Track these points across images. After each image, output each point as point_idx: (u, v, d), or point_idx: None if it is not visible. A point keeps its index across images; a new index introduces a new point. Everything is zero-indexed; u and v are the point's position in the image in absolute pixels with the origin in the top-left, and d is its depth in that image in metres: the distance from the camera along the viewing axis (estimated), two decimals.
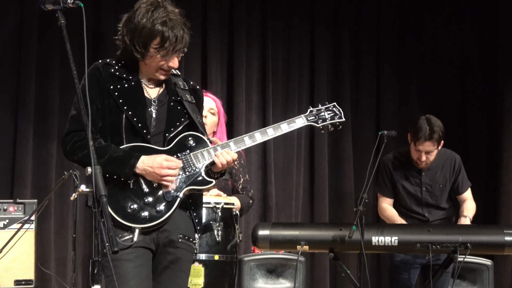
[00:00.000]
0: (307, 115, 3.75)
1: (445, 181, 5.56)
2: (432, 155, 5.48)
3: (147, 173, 3.36)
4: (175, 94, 3.56)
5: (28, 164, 6.30)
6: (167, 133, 3.49)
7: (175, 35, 3.42)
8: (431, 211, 5.56)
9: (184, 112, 3.54)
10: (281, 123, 3.65)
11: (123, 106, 3.42)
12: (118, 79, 3.47)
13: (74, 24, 3.20)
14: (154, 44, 3.41)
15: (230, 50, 7.20)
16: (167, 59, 3.46)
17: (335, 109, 3.80)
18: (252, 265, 5.44)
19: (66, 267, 6.33)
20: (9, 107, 6.36)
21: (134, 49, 3.41)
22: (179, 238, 3.44)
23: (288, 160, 7.28)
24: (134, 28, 3.41)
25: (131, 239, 3.31)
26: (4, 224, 5.20)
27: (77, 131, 3.40)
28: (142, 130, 3.43)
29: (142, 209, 3.35)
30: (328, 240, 4.87)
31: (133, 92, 3.47)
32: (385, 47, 7.74)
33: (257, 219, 7.01)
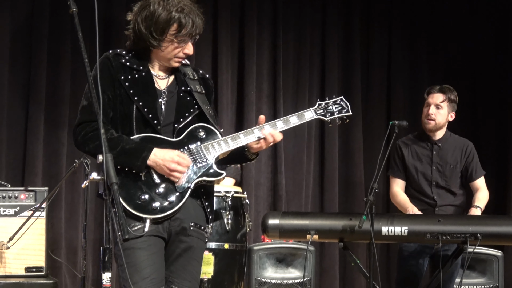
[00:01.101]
0: (315, 109, 3.73)
1: (455, 163, 5.56)
2: (441, 111, 5.52)
3: (157, 166, 3.35)
4: (184, 84, 3.56)
5: (39, 152, 6.32)
6: (176, 124, 3.48)
7: (192, 21, 3.45)
8: (440, 194, 5.54)
9: (193, 103, 3.54)
10: (290, 116, 3.63)
11: (134, 97, 3.42)
12: (129, 70, 3.47)
13: (85, 12, 3.20)
14: (172, 30, 3.42)
15: (241, 39, 7.19)
16: (182, 46, 3.47)
17: (342, 102, 3.82)
18: (262, 254, 5.45)
19: (77, 255, 6.36)
20: (20, 94, 6.38)
21: (151, 37, 3.42)
22: (191, 226, 3.44)
23: (298, 150, 7.28)
24: (150, 16, 3.42)
25: (142, 228, 3.31)
26: (15, 211, 5.22)
27: (88, 121, 3.39)
28: (153, 121, 3.43)
29: (153, 199, 3.35)
30: (338, 229, 4.87)
31: (143, 82, 3.47)
32: (396, 37, 7.71)
33: (267, 209, 7.02)
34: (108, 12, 6.50)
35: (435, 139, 5.59)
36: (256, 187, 7.02)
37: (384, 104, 7.67)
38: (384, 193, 6.06)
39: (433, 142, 5.59)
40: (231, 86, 7.08)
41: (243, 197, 4.97)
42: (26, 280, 5.08)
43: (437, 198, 5.52)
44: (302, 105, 7.23)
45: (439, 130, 5.59)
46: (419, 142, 5.63)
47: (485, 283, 5.75)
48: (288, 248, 5.54)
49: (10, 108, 6.32)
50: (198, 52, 6.93)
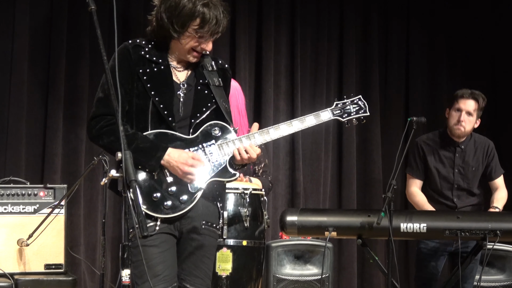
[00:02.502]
0: (333, 109, 3.70)
1: (478, 164, 5.54)
2: (470, 119, 5.47)
3: (170, 166, 3.35)
4: (202, 77, 3.53)
5: (58, 149, 6.34)
6: (193, 119, 3.47)
7: (216, 17, 3.39)
8: (460, 196, 5.52)
9: (211, 97, 3.51)
10: (307, 116, 3.61)
11: (151, 91, 3.40)
12: (148, 62, 3.44)
13: (104, 9, 3.21)
14: (194, 24, 3.38)
15: (258, 35, 7.19)
16: (202, 41, 3.43)
17: (360, 102, 3.78)
18: (280, 251, 5.45)
19: (96, 252, 6.39)
20: (39, 92, 6.40)
21: (172, 28, 3.39)
22: (202, 225, 3.44)
23: (316, 146, 7.27)
24: (175, 6, 3.38)
25: (154, 227, 3.32)
26: (35, 208, 5.24)
27: (104, 115, 3.38)
28: (168, 118, 3.41)
29: (166, 198, 3.35)
30: (356, 226, 4.86)
31: (162, 76, 3.45)
32: (415, 33, 7.69)
33: (285, 205, 7.02)
34: (126, 10, 6.52)
35: (458, 141, 5.54)
36: (274, 184, 7.01)
37: (402, 101, 7.65)
38: (403, 190, 6.04)
39: (456, 144, 5.54)
40: (249, 83, 7.08)
41: (261, 194, 4.96)
42: (46, 277, 5.10)
43: (457, 201, 5.50)
44: (319, 101, 7.22)
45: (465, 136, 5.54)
46: (441, 144, 5.57)
47: (504, 279, 5.72)
48: (306, 245, 5.53)
49: (29, 105, 6.34)
50: (216, 49, 6.92)
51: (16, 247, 5.12)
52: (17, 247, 5.12)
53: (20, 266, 5.13)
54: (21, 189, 5.25)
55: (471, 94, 5.50)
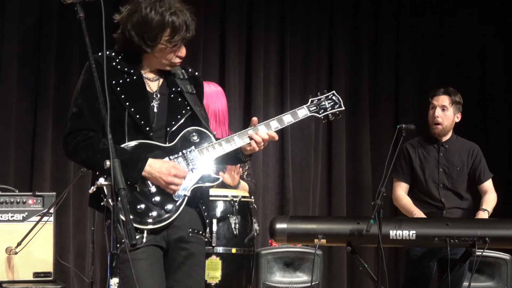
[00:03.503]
0: (308, 106, 3.71)
1: (462, 165, 5.56)
2: (447, 113, 5.53)
3: (153, 177, 3.30)
4: (175, 85, 3.50)
5: (47, 157, 6.33)
6: (168, 127, 3.43)
7: (185, 23, 3.37)
8: (448, 196, 5.54)
9: (185, 104, 3.48)
10: (284, 115, 3.62)
11: (126, 102, 3.36)
12: (120, 73, 3.40)
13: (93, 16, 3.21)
14: (165, 35, 3.35)
15: (248, 42, 7.20)
16: (175, 50, 3.41)
17: (334, 97, 3.78)
18: (270, 258, 5.45)
19: (85, 260, 6.37)
20: (29, 99, 6.39)
21: (144, 43, 3.34)
22: (189, 233, 3.41)
23: (306, 153, 7.28)
24: (142, 21, 3.33)
25: (141, 239, 3.27)
26: (23, 216, 5.22)
27: (79, 130, 3.33)
28: (145, 128, 3.37)
29: (150, 209, 3.31)
30: (346, 233, 4.86)
31: (135, 86, 3.41)
32: (404, 40, 7.71)
33: (275, 212, 7.02)
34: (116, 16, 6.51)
35: (441, 141, 5.60)
36: (263, 191, 7.02)
37: (392, 108, 7.67)
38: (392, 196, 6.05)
39: (440, 144, 5.60)
40: (239, 90, 7.08)
41: (251, 202, 4.96)
42: (34, 285, 5.09)
43: (445, 201, 5.52)
44: None
45: (447, 133, 5.60)
46: (425, 144, 5.64)
47: (494, 286, 5.73)
48: (296, 252, 5.53)
49: (18, 112, 6.33)
50: (205, 56, 6.95)
51: (5, 255, 5.10)
52: (5, 255, 5.10)
53: (9, 274, 5.11)
54: (9, 197, 5.24)
55: (443, 91, 5.62)
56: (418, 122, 5.83)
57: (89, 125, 3.33)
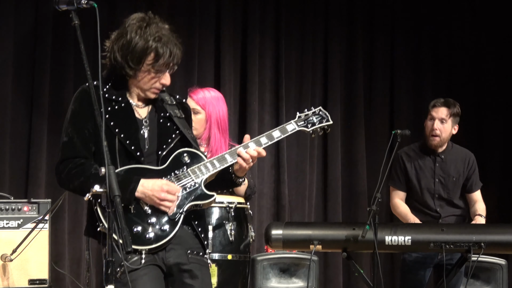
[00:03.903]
0: (296, 121, 3.73)
1: (458, 175, 5.57)
2: (445, 126, 5.53)
3: (146, 197, 3.30)
4: (163, 110, 3.52)
5: (42, 163, 6.32)
6: (160, 151, 3.44)
7: (170, 50, 3.39)
8: (443, 205, 5.55)
9: (174, 128, 3.50)
10: (273, 131, 3.63)
11: (115, 129, 3.37)
12: (108, 101, 3.41)
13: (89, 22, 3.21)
14: (148, 60, 3.37)
15: (243, 48, 7.21)
16: (159, 76, 3.43)
17: (321, 112, 3.81)
18: (265, 264, 5.45)
19: (80, 267, 6.35)
20: (24, 106, 6.38)
21: (127, 66, 3.37)
22: (188, 254, 3.41)
23: (301, 159, 7.28)
24: (127, 45, 3.36)
25: (139, 260, 3.27)
26: (19, 223, 5.22)
27: (71, 158, 3.34)
28: (136, 153, 3.38)
29: (147, 230, 3.30)
30: (341, 239, 4.86)
31: (123, 113, 3.42)
32: (399, 45, 7.72)
33: (270, 219, 7.02)
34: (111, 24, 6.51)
35: (438, 152, 5.59)
36: (259, 197, 7.01)
37: (387, 114, 7.67)
38: (387, 203, 6.06)
39: (436, 154, 5.59)
40: (234, 96, 7.08)
41: (246, 208, 4.96)
42: None
43: (440, 210, 5.53)
44: None
45: (444, 145, 5.59)
46: (421, 154, 5.63)
47: None
48: (292, 258, 5.53)
49: (13, 119, 6.32)
50: (200, 62, 6.95)
51: (0, 262, 5.08)
52: (0, 263, 5.09)
53: (4, 282, 5.10)
54: (4, 204, 5.23)
55: (443, 102, 5.59)
56: (413, 128, 5.84)
57: (80, 153, 3.36)
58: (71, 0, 3.15)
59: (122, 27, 3.45)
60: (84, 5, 3.14)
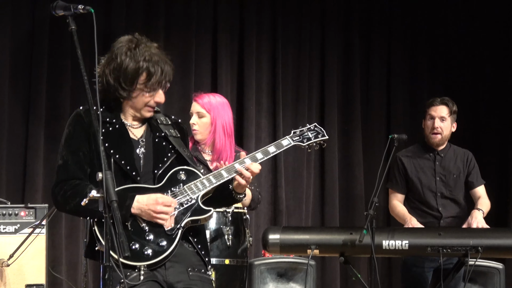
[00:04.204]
0: (291, 136, 3.78)
1: (458, 172, 5.59)
2: (445, 124, 5.56)
3: (142, 212, 3.31)
4: (159, 130, 3.54)
5: (39, 168, 6.31)
6: (156, 170, 3.45)
7: (161, 69, 3.42)
8: (445, 205, 5.56)
9: (170, 147, 3.51)
10: (269, 146, 3.68)
11: (110, 150, 3.38)
12: (102, 123, 3.37)
13: (85, 28, 3.22)
14: (141, 80, 3.40)
15: (240, 53, 7.21)
16: (153, 94, 3.45)
17: (316, 128, 3.84)
18: (263, 269, 5.44)
19: (77, 272, 6.35)
20: (21, 111, 6.38)
21: (120, 88, 3.40)
22: (189, 271, 3.39)
23: (298, 164, 7.28)
24: (118, 67, 3.39)
25: (138, 277, 3.26)
26: (16, 228, 5.22)
27: (66, 180, 3.36)
28: (131, 172, 3.39)
29: (144, 246, 3.30)
30: (339, 244, 4.86)
31: (118, 134, 3.44)
32: (396, 50, 7.72)
33: (267, 223, 7.02)
34: (107, 29, 6.53)
35: (437, 150, 5.62)
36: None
37: (384, 117, 7.67)
38: (385, 207, 6.06)
39: (436, 153, 5.62)
40: (231, 101, 7.04)
41: (244, 212, 4.96)
42: None
43: (442, 210, 5.54)
44: (301, 119, 7.23)
45: (444, 143, 5.62)
46: (420, 154, 5.66)
47: None
48: (289, 262, 5.53)
49: (10, 124, 6.32)
50: (197, 66, 6.95)
51: None
52: None
53: (1, 287, 5.09)
54: (1, 209, 5.24)
55: (441, 101, 5.62)
56: (410, 132, 5.84)
57: (75, 175, 3.37)
58: (68, 6, 3.16)
59: (111, 51, 3.47)
60: (81, 11, 3.15)
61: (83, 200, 3.07)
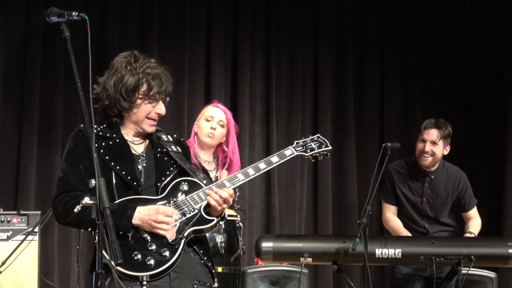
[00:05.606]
0: (294, 147, 3.80)
1: (447, 196, 5.58)
2: (437, 148, 5.53)
3: (144, 222, 3.30)
4: (160, 146, 3.54)
5: (32, 175, 6.30)
6: (158, 183, 3.45)
7: (160, 79, 3.46)
8: (431, 223, 5.57)
9: (172, 162, 3.51)
10: (271, 156, 3.69)
11: (110, 162, 3.39)
12: (103, 139, 3.45)
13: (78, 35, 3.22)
14: (142, 91, 3.43)
15: (234, 61, 7.21)
16: (154, 105, 3.47)
17: (319, 139, 3.87)
18: (256, 277, 5.43)
19: (70, 279, 6.33)
20: (13, 118, 6.37)
21: (122, 98, 3.42)
22: (194, 284, 3.37)
23: (292, 172, 7.28)
24: (119, 81, 3.42)
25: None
26: (8, 235, 5.21)
27: (66, 191, 3.36)
28: (133, 183, 3.39)
29: (147, 257, 3.28)
30: (332, 252, 4.87)
31: (119, 148, 3.45)
32: (389, 58, 7.74)
33: (261, 231, 7.01)
34: (101, 34, 6.53)
35: (428, 171, 5.59)
36: (249, 209, 7.00)
37: (377, 126, 7.68)
38: (378, 215, 6.07)
39: (426, 174, 5.59)
40: None
41: (237, 220, 4.96)
42: None
43: (428, 227, 5.56)
44: (295, 127, 7.24)
45: (435, 165, 5.59)
46: (411, 172, 5.62)
47: None
48: (282, 271, 5.52)
49: (3, 131, 6.31)
50: (191, 74, 6.95)
51: None
52: None
53: None
54: None
55: (434, 123, 5.57)
56: (403, 141, 5.85)
57: (75, 187, 3.37)
58: (62, 12, 3.17)
59: (111, 66, 3.50)
60: (75, 18, 3.15)
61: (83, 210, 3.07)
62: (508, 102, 7.38)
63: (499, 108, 7.52)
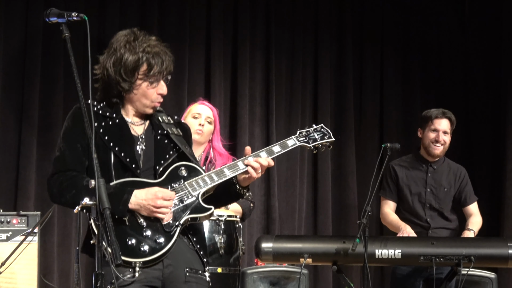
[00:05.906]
0: (297, 136, 3.67)
1: (449, 186, 5.60)
2: (447, 137, 5.59)
3: (141, 207, 3.26)
4: (161, 128, 3.50)
5: (31, 176, 6.30)
6: (157, 166, 3.41)
7: (160, 58, 3.41)
8: (433, 216, 5.57)
9: (172, 145, 3.47)
10: (273, 146, 3.58)
11: (109, 143, 3.35)
12: (102, 117, 3.40)
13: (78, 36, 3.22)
14: (142, 71, 3.38)
15: (233, 62, 7.21)
16: (155, 86, 3.43)
17: (323, 130, 3.74)
18: (255, 277, 5.43)
19: (69, 280, 6.33)
20: (13, 118, 6.37)
21: (122, 79, 3.37)
22: (186, 272, 3.35)
23: (292, 172, 7.28)
24: (119, 60, 3.37)
25: (132, 275, 3.21)
26: (7, 236, 5.20)
27: (62, 171, 3.33)
28: (131, 165, 3.35)
29: (141, 242, 3.25)
30: (332, 252, 4.86)
31: (118, 129, 3.41)
32: (389, 59, 7.74)
33: (260, 232, 7.01)
34: (101, 36, 6.53)
35: (430, 162, 5.62)
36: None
37: (377, 127, 7.68)
38: (378, 216, 6.06)
39: (429, 164, 5.62)
40: (224, 109, 7.08)
41: (236, 221, 4.95)
42: None
43: (430, 221, 5.54)
44: (295, 128, 7.22)
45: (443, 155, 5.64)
46: (414, 164, 5.66)
47: None
48: (282, 271, 5.52)
49: (3, 132, 6.31)
50: (191, 75, 6.95)
51: None
52: None
53: None
54: None
55: (444, 114, 5.62)
56: (403, 141, 5.85)
57: (72, 166, 3.34)
58: (62, 13, 3.16)
59: (110, 45, 3.45)
60: (75, 18, 3.15)
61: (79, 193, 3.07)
62: (508, 102, 7.38)
63: (499, 108, 7.52)
